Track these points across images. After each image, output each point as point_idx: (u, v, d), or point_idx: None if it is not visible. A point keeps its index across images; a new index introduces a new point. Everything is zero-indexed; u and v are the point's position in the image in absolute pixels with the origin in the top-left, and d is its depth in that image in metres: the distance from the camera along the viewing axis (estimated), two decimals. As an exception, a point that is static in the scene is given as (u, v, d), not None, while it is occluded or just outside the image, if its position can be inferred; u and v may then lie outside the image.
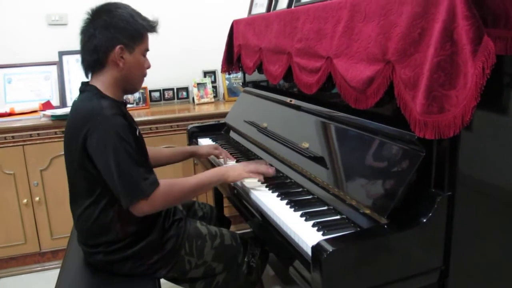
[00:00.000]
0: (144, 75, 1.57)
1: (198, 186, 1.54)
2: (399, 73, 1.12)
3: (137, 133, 1.52)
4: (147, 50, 1.55)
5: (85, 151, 1.39)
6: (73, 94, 2.87)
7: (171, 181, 1.48)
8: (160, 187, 1.41)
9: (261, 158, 1.89)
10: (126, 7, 1.50)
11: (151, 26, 1.53)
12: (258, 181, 1.62)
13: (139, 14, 1.51)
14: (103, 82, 1.48)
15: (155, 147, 2.16)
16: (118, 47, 1.44)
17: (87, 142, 1.38)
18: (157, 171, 1.54)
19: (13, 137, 2.43)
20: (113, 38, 1.43)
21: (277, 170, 1.73)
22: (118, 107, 1.45)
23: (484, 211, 1.18)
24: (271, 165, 1.70)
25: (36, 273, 2.61)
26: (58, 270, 1.62)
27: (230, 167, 1.64)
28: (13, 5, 2.84)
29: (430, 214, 1.09)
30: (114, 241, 1.49)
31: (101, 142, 1.36)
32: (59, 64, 2.90)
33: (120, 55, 1.45)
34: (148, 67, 1.57)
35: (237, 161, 1.94)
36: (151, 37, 1.56)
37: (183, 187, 1.50)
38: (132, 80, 1.53)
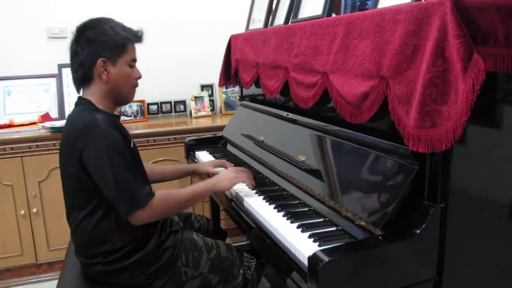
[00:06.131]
0: (135, 85, 1.57)
1: (192, 196, 1.58)
2: (393, 88, 1.15)
3: (132, 145, 1.54)
4: (134, 60, 1.55)
5: (81, 165, 1.42)
6: (71, 106, 2.83)
7: (166, 191, 1.52)
8: (155, 197, 1.45)
9: (259, 171, 1.92)
10: (108, 21, 1.52)
11: (134, 36, 1.54)
12: (247, 185, 1.71)
13: (121, 26, 1.52)
14: (94, 96, 1.50)
15: (158, 166, 2.19)
16: (99, 60, 1.46)
17: (83, 156, 1.40)
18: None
19: (11, 148, 2.45)
20: (95, 53, 1.46)
21: (274, 183, 1.76)
22: (111, 120, 1.47)
23: (476, 223, 1.20)
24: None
25: (32, 284, 2.60)
26: (54, 282, 1.64)
27: (221, 176, 1.69)
28: (14, 18, 2.87)
29: (424, 226, 1.11)
30: (111, 252, 1.50)
31: (97, 155, 1.39)
32: (59, 77, 2.93)
33: (103, 67, 1.47)
34: (139, 77, 1.58)
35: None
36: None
37: (178, 197, 1.54)
38: (121, 91, 1.54)
